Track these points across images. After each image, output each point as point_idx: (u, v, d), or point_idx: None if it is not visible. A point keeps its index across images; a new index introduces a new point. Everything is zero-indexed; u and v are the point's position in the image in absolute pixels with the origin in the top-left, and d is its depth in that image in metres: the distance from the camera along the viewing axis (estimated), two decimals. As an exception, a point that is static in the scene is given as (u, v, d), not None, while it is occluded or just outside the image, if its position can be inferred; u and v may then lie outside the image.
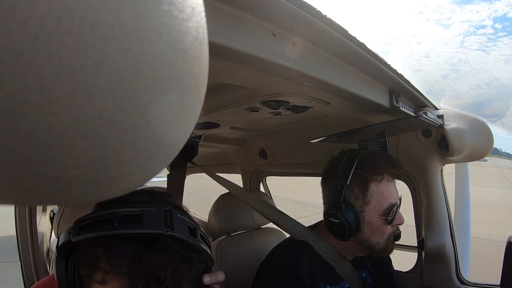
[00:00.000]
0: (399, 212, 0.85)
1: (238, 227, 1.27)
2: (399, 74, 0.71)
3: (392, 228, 0.84)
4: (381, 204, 0.81)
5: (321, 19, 0.45)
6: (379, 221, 0.82)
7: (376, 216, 0.81)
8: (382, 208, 0.81)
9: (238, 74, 0.54)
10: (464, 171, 2.01)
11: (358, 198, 0.82)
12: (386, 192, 0.82)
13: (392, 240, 0.85)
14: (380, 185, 0.82)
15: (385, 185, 0.83)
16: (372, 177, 0.82)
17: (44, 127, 0.13)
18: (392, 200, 0.82)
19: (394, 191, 0.85)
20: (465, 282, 1.02)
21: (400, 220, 0.84)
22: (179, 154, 0.20)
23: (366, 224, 0.83)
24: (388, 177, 0.84)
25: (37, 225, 1.57)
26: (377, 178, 0.82)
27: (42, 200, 0.17)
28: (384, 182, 0.83)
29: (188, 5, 0.16)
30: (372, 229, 0.83)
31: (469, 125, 0.95)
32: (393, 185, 0.85)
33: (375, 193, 0.82)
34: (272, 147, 1.55)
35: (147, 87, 0.15)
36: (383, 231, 0.83)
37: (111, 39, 0.13)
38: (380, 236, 0.83)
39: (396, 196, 0.84)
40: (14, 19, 0.11)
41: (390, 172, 0.84)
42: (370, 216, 0.82)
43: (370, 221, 0.82)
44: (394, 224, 0.83)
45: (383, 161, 0.84)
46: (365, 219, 0.82)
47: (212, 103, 0.88)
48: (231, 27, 0.38)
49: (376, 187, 0.82)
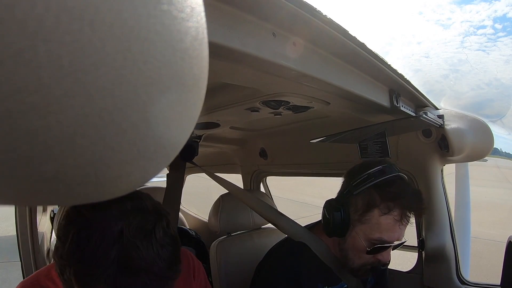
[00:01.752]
0: (388, 252, 0.79)
1: (238, 227, 1.27)
2: (399, 74, 0.71)
3: (373, 259, 0.80)
4: (372, 233, 0.77)
5: (321, 19, 0.45)
6: (361, 245, 0.79)
7: (362, 239, 0.79)
8: (370, 236, 0.77)
9: (238, 74, 0.54)
10: (464, 171, 2.01)
11: (356, 212, 0.80)
12: (384, 226, 0.77)
13: (368, 269, 0.81)
14: (383, 217, 0.76)
15: (388, 220, 0.76)
16: (380, 205, 0.77)
17: (44, 127, 0.13)
18: (385, 237, 0.77)
19: (395, 231, 0.77)
20: (465, 282, 1.02)
21: (383, 258, 0.79)
22: (179, 154, 0.20)
23: (350, 238, 0.81)
24: (398, 217, 0.76)
25: (38, 225, 1.57)
26: (384, 209, 0.76)
27: (42, 200, 0.17)
28: (389, 217, 0.76)
29: (187, 4, 0.16)
30: (353, 246, 0.81)
31: (469, 125, 0.95)
32: (397, 226, 0.77)
33: (373, 220, 0.77)
34: (272, 147, 1.54)
35: (147, 87, 0.15)
36: (361, 255, 0.80)
37: (110, 39, 0.13)
38: (357, 258, 0.81)
39: (393, 237, 0.77)
40: (13, 19, 0.11)
41: (404, 213, 0.77)
42: (357, 235, 0.79)
43: (355, 239, 0.80)
44: (376, 257, 0.79)
45: (405, 199, 0.76)
46: (351, 233, 0.81)
47: (212, 103, 0.88)
48: (231, 27, 0.38)
49: (377, 216, 0.77)
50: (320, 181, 0.92)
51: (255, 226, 1.30)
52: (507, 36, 36.08)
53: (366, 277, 0.86)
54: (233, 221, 1.24)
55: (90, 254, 0.45)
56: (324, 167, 1.39)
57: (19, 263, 1.53)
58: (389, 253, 0.80)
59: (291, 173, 1.64)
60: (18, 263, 1.53)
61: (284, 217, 0.96)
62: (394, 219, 0.76)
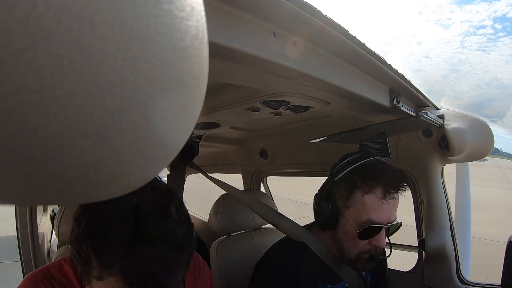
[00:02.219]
0: (382, 235, 0.79)
1: (239, 227, 1.27)
2: (399, 74, 0.71)
3: (369, 246, 0.79)
4: (360, 215, 0.78)
5: (322, 19, 0.45)
6: (353, 231, 0.79)
7: (352, 224, 0.79)
8: (359, 220, 0.78)
9: (238, 74, 0.54)
10: (464, 171, 2.01)
11: (341, 198, 0.81)
12: (369, 205, 0.77)
13: (366, 258, 0.81)
14: (366, 196, 0.77)
15: (372, 199, 0.77)
16: (361, 185, 0.78)
17: (44, 127, 0.13)
18: (374, 218, 0.76)
19: (382, 211, 0.77)
20: (465, 282, 1.02)
21: (378, 242, 0.78)
22: (179, 154, 0.20)
23: (341, 226, 0.82)
24: (381, 194, 0.77)
25: (38, 225, 1.57)
26: (365, 188, 0.78)
27: (42, 200, 0.17)
28: (371, 196, 0.77)
29: (187, 3, 0.16)
30: (346, 234, 0.81)
31: (469, 125, 0.95)
32: (382, 204, 0.77)
33: (358, 201, 0.78)
34: (272, 147, 1.55)
35: (147, 86, 0.15)
36: (356, 242, 0.80)
37: (111, 38, 0.13)
38: (352, 246, 0.81)
39: (382, 217, 0.77)
40: (13, 18, 0.11)
41: (388, 190, 0.77)
42: (347, 221, 0.80)
43: (346, 226, 0.80)
44: (371, 243, 0.79)
45: (385, 176, 0.78)
46: (341, 221, 0.81)
47: (213, 103, 0.88)
48: (232, 27, 0.38)
49: (360, 196, 0.78)
50: (320, 181, 0.92)
51: (255, 226, 1.30)
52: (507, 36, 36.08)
53: (366, 268, 0.85)
54: (233, 221, 1.24)
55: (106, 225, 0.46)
56: (324, 167, 1.38)
57: (19, 263, 1.53)
58: (383, 237, 0.80)
59: (292, 173, 1.64)
60: (18, 263, 1.54)
61: (283, 217, 0.97)
62: (377, 197, 0.77)
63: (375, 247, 0.80)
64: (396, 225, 0.81)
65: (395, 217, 0.81)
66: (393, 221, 0.80)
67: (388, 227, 0.80)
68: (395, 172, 0.81)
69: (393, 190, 0.78)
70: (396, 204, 0.80)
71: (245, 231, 1.29)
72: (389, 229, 0.81)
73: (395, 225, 0.81)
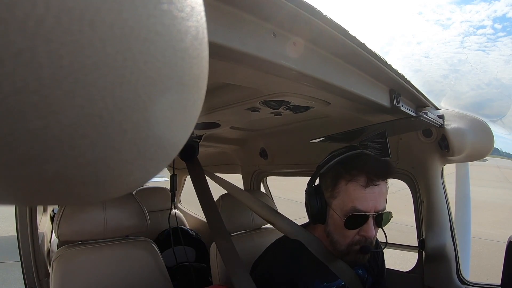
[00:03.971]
0: (369, 224, 0.78)
1: (239, 227, 1.27)
2: (399, 74, 0.71)
3: (358, 237, 0.80)
4: (345, 204, 0.79)
5: (322, 19, 0.45)
6: (340, 221, 0.80)
7: (339, 214, 0.80)
8: (345, 209, 0.78)
9: (238, 74, 0.54)
10: (464, 171, 2.01)
11: (327, 189, 0.83)
12: (353, 194, 0.78)
13: (357, 249, 0.81)
14: (349, 184, 0.79)
15: (355, 187, 0.78)
16: (344, 175, 0.80)
17: (44, 127, 0.13)
18: (358, 206, 0.77)
19: (367, 200, 0.77)
20: (465, 282, 1.02)
21: (367, 232, 0.78)
22: (180, 154, 0.20)
23: (330, 217, 0.83)
24: (364, 182, 0.77)
25: (38, 225, 1.57)
26: (348, 177, 0.79)
27: (42, 200, 0.17)
28: (354, 184, 0.78)
29: (187, 4, 0.16)
30: (334, 225, 0.82)
31: (469, 125, 0.95)
32: (366, 192, 0.78)
33: (342, 191, 0.80)
34: (272, 147, 1.55)
35: (147, 87, 0.15)
36: (345, 233, 0.80)
37: (111, 39, 0.13)
38: (341, 237, 0.81)
39: (367, 206, 0.77)
40: (13, 18, 0.11)
41: (370, 177, 0.78)
42: (334, 212, 0.81)
43: (333, 217, 0.82)
44: (360, 233, 0.79)
45: (367, 165, 0.79)
46: (329, 212, 0.83)
47: (213, 103, 0.88)
48: (231, 27, 0.38)
49: (344, 185, 0.80)
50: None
51: (255, 226, 1.30)
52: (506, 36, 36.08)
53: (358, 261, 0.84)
54: (233, 221, 1.24)
55: None
56: None
57: (19, 263, 1.53)
58: (371, 227, 0.79)
59: (291, 173, 1.64)
60: (18, 263, 1.53)
61: (281, 216, 0.97)
62: (360, 185, 0.78)
63: (364, 237, 0.80)
64: (386, 215, 0.81)
65: (383, 206, 0.80)
66: (382, 210, 0.80)
67: (377, 216, 0.79)
68: (378, 161, 0.82)
69: (375, 177, 0.78)
70: (383, 192, 0.80)
71: (245, 231, 1.29)
72: (379, 219, 0.80)
73: (385, 214, 0.80)
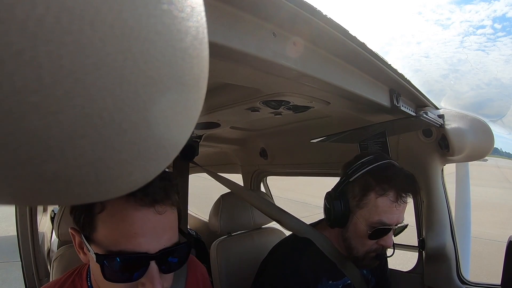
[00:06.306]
0: (390, 236, 0.82)
1: (239, 227, 1.27)
2: (399, 74, 0.71)
3: (376, 245, 0.82)
4: (371, 216, 0.80)
5: (322, 19, 0.45)
6: (363, 230, 0.81)
7: (362, 224, 0.81)
8: (370, 220, 0.80)
9: (238, 74, 0.54)
10: (464, 171, 2.01)
11: (355, 198, 0.83)
12: (382, 208, 0.79)
13: (373, 256, 0.84)
14: (380, 198, 0.80)
15: (384, 202, 0.79)
16: (375, 188, 0.80)
17: (44, 127, 0.13)
18: (385, 219, 0.79)
19: (393, 213, 0.80)
20: (465, 282, 1.02)
21: (386, 242, 0.81)
22: (180, 154, 0.20)
23: (352, 225, 0.84)
24: (394, 198, 0.79)
25: (38, 225, 1.57)
26: (379, 191, 0.80)
27: (42, 200, 0.17)
28: (384, 198, 0.79)
29: (187, 4, 0.16)
30: (355, 233, 0.83)
31: (469, 124, 0.95)
32: (394, 207, 0.80)
33: (371, 203, 0.80)
34: (272, 147, 1.55)
35: (147, 87, 0.15)
36: (364, 241, 0.82)
37: (111, 39, 0.13)
38: (361, 245, 0.83)
39: (393, 219, 0.80)
40: (13, 19, 0.11)
41: (399, 194, 0.80)
42: (358, 220, 0.82)
43: (356, 225, 0.83)
44: (379, 242, 0.82)
45: (397, 180, 0.80)
46: (352, 220, 0.83)
47: (213, 103, 0.88)
48: (232, 27, 0.38)
49: (374, 198, 0.80)
50: (321, 181, 0.92)
51: (255, 226, 1.30)
52: (506, 36, 36.09)
53: (370, 266, 0.87)
54: (233, 221, 1.24)
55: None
56: (324, 167, 1.39)
57: (19, 263, 1.53)
58: (391, 238, 0.82)
59: (291, 173, 1.64)
60: (18, 263, 1.54)
61: (288, 214, 0.97)
62: (390, 200, 0.79)
63: (382, 246, 0.82)
64: (402, 227, 0.84)
65: (403, 219, 0.83)
66: (401, 222, 0.83)
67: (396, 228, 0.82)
68: (407, 176, 0.83)
69: (404, 194, 0.80)
70: (405, 206, 0.83)
71: (245, 231, 1.29)
72: (398, 230, 0.84)
73: (402, 226, 0.84)
